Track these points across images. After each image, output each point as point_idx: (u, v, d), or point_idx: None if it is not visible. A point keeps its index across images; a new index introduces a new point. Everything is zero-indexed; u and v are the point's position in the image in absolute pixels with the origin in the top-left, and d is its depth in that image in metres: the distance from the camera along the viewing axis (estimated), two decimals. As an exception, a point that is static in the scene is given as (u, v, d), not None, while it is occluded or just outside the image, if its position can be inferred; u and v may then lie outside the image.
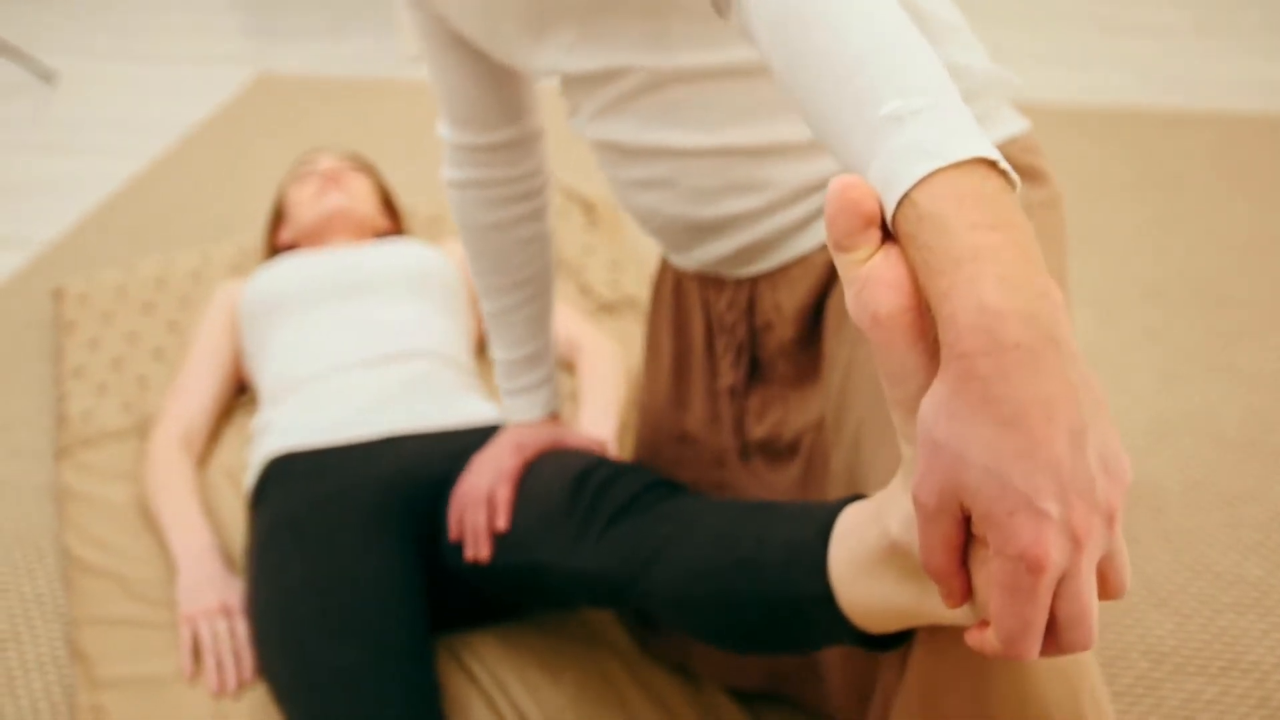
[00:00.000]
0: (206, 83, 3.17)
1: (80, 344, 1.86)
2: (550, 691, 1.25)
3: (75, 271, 2.19)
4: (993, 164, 0.56)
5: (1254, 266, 2.10)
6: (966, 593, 0.58)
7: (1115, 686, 1.29)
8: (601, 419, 1.56)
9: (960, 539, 0.56)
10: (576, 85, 1.04)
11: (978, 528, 0.54)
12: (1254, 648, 1.34)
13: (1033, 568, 0.51)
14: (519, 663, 1.29)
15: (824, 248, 1.04)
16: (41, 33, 3.61)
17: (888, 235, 0.57)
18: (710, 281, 1.16)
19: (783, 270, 1.07)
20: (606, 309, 1.93)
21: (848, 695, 1.03)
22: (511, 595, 1.18)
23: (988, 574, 0.55)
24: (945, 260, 0.53)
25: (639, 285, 1.97)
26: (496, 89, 1.14)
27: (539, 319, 1.25)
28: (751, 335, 1.13)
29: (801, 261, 1.05)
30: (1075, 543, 0.52)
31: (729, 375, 1.16)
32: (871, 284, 0.56)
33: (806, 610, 0.81)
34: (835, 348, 1.03)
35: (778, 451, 1.14)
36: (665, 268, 1.25)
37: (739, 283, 1.12)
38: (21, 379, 1.87)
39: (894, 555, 0.67)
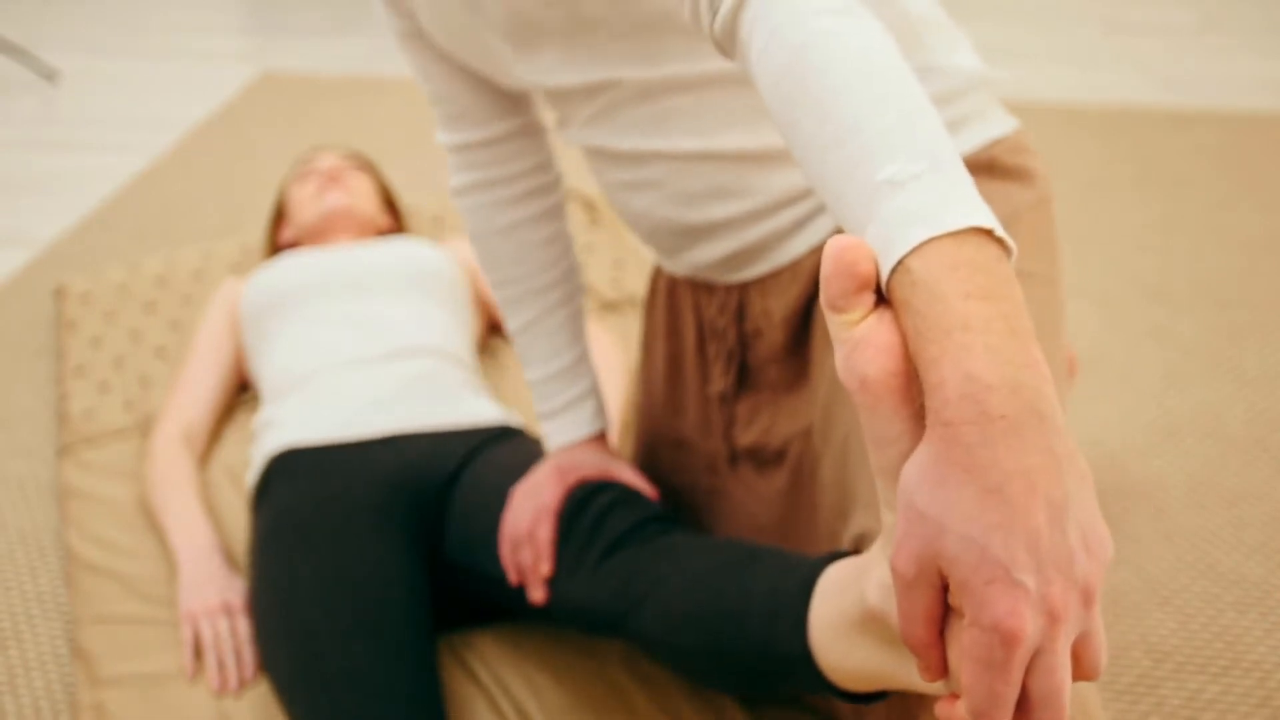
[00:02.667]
0: (209, 81, 3.17)
1: (82, 342, 1.87)
2: (552, 691, 1.25)
3: (77, 270, 2.19)
4: (989, 231, 0.55)
5: (1259, 266, 2.10)
6: (944, 667, 0.56)
7: (1117, 685, 1.29)
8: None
9: (939, 610, 0.55)
10: (561, 98, 1.03)
11: (954, 597, 0.53)
12: (1256, 647, 1.33)
13: (1006, 640, 0.51)
14: (521, 662, 1.28)
15: (812, 253, 1.04)
16: (44, 31, 3.61)
17: (882, 299, 0.57)
18: (702, 286, 1.15)
19: (772, 276, 1.07)
20: (609, 307, 1.93)
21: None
22: (513, 605, 1.19)
23: (961, 646, 0.54)
24: (936, 329, 0.52)
25: (641, 284, 1.97)
26: (485, 88, 1.13)
27: (571, 326, 1.19)
28: (741, 341, 1.13)
29: (791, 267, 1.05)
30: (1051, 617, 0.51)
31: (719, 381, 1.16)
32: (862, 347, 0.55)
33: (787, 667, 0.81)
34: (823, 355, 1.03)
35: (765, 459, 1.14)
36: (659, 272, 1.25)
37: (729, 288, 1.12)
38: (23, 377, 1.87)
39: (870, 623, 0.67)
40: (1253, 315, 1.95)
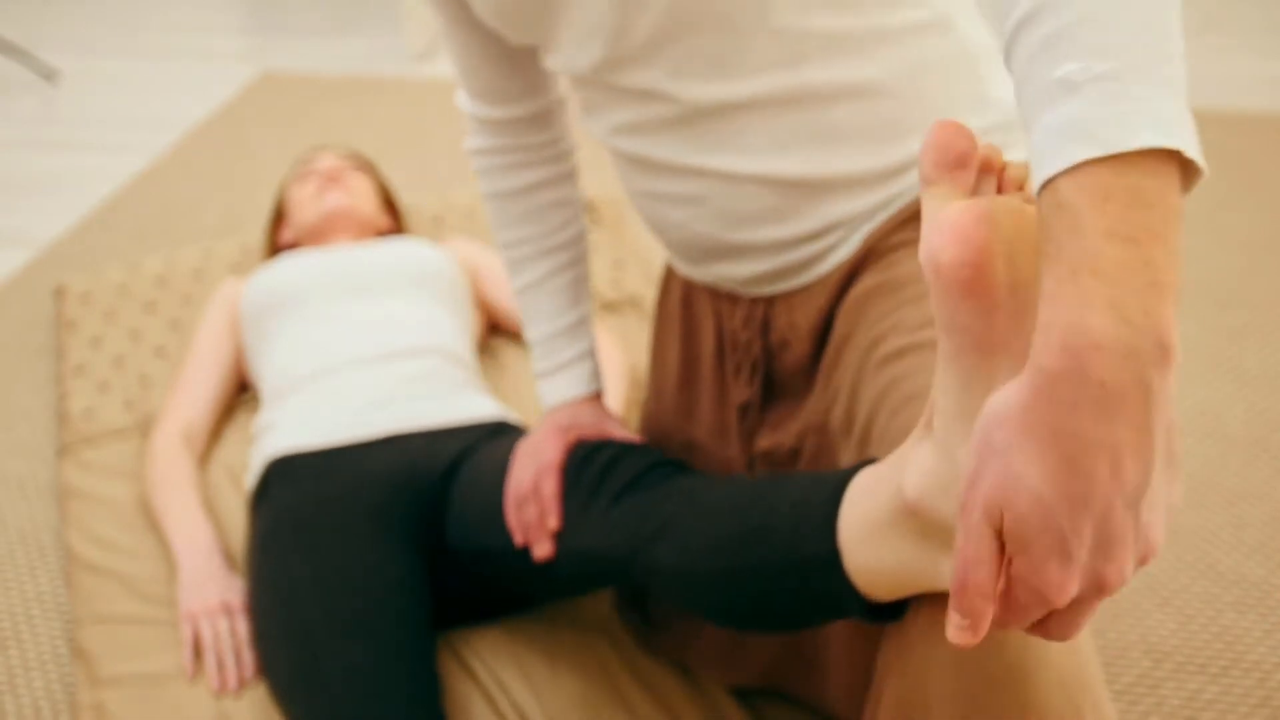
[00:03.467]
0: (208, 80, 3.17)
1: (82, 342, 1.87)
2: (551, 690, 1.25)
3: (77, 269, 2.19)
4: (1169, 153, 0.49)
5: (1258, 266, 2.10)
6: (985, 629, 0.54)
7: (1117, 685, 1.29)
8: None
9: (999, 557, 0.53)
10: (599, 89, 1.01)
11: (1009, 546, 0.52)
12: (1255, 647, 1.33)
13: (1046, 604, 0.51)
14: (520, 661, 1.28)
15: (838, 268, 1.03)
16: (44, 31, 3.61)
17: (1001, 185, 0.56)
18: (724, 296, 1.14)
19: (799, 291, 1.06)
20: (609, 308, 1.93)
21: (846, 691, 1.03)
22: (518, 582, 1.18)
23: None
24: (1064, 264, 0.48)
25: (641, 284, 1.97)
26: (514, 68, 1.13)
27: (575, 288, 1.20)
28: (767, 353, 1.12)
29: (820, 281, 1.04)
30: (1099, 589, 0.51)
31: (743, 392, 1.15)
32: (942, 230, 0.54)
33: (812, 574, 0.79)
34: (840, 347, 1.02)
35: (779, 460, 1.13)
36: (672, 275, 1.24)
37: (754, 300, 1.10)
38: (23, 377, 1.87)
39: (906, 516, 0.66)
40: (1253, 315, 1.95)
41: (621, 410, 1.60)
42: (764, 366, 1.12)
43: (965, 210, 0.53)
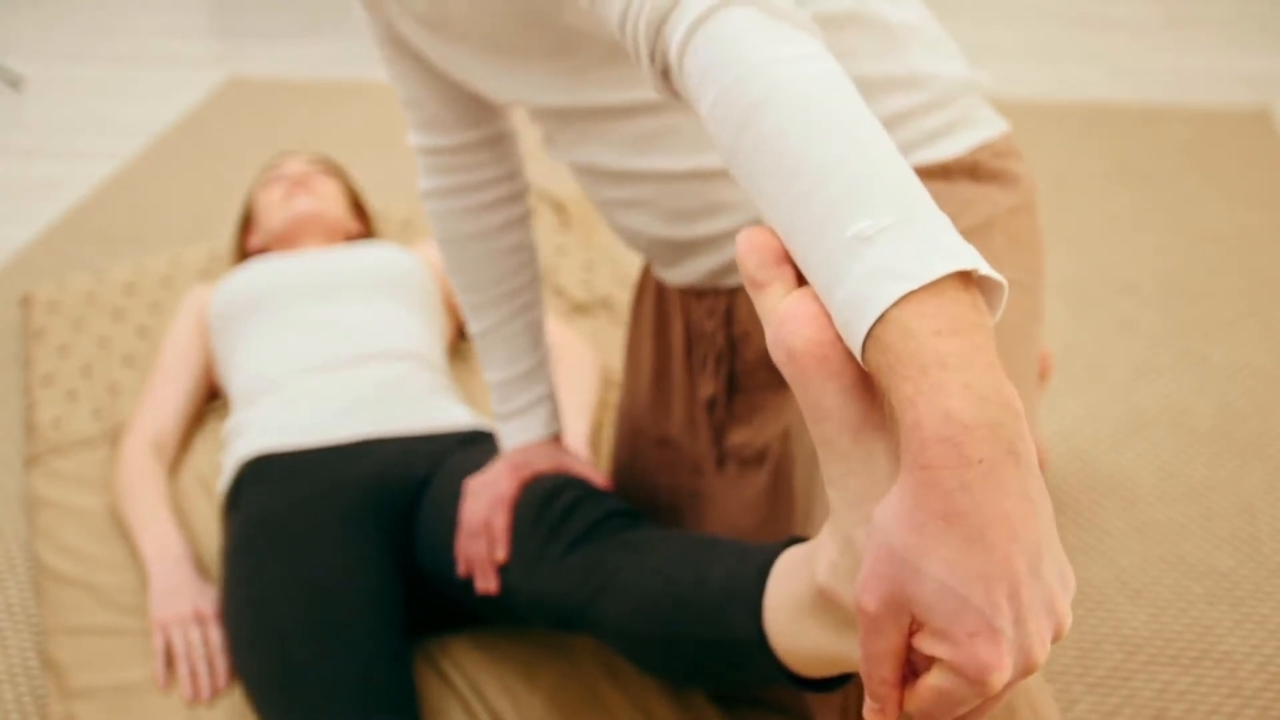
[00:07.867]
0: (176, 86, 3.15)
1: (50, 351, 1.85)
2: (527, 696, 1.25)
3: (44, 277, 2.17)
4: (965, 275, 0.54)
5: (1226, 259, 2.11)
6: (899, 710, 0.56)
7: (1089, 679, 1.30)
8: (574, 423, 1.56)
9: (904, 649, 0.54)
10: (546, 117, 1.04)
11: (923, 641, 0.53)
12: (1226, 638, 1.34)
13: (982, 688, 0.51)
14: (496, 668, 1.28)
15: None
16: (8, 37, 3.57)
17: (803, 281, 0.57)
18: (690, 291, 1.16)
19: None
20: (580, 310, 1.93)
21: (821, 700, 1.03)
22: (480, 607, 1.18)
23: (925, 680, 0.54)
24: (911, 365, 0.51)
25: (612, 285, 1.97)
26: (459, 96, 1.13)
27: (531, 333, 1.21)
28: (730, 344, 1.13)
29: None
30: (1027, 660, 0.52)
31: (708, 385, 1.16)
32: (787, 320, 0.55)
33: (741, 654, 0.81)
34: None
35: (748, 459, 1.14)
36: (648, 274, 1.25)
37: (718, 293, 1.12)
38: (-9, 387, 1.86)
39: (821, 602, 0.67)
40: (1220, 308, 1.97)
41: (595, 415, 1.60)
42: (728, 359, 1.13)
43: (803, 297, 0.56)
